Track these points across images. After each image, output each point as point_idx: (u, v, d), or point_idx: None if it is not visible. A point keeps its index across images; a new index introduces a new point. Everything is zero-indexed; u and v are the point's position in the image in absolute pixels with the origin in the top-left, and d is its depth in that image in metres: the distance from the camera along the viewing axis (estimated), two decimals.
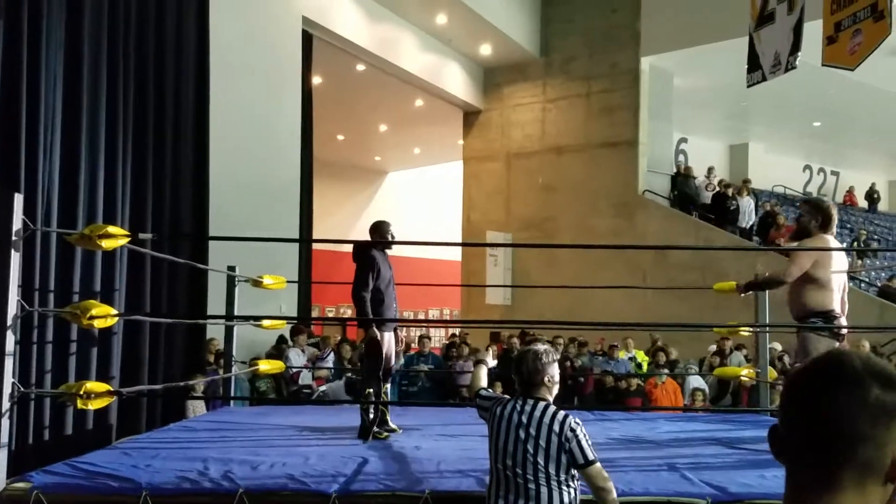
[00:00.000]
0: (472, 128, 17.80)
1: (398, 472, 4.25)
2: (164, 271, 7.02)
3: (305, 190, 12.25)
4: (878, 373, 1.05)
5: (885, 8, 6.91)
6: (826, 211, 4.92)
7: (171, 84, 7.35)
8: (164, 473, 4.03)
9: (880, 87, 15.62)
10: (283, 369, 7.93)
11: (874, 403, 1.02)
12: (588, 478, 3.00)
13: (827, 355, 1.10)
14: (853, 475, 1.02)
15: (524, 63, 16.68)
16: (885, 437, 1.02)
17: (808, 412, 1.05)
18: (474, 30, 15.25)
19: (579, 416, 6.65)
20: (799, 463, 1.06)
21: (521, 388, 3.18)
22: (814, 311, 4.83)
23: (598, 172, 15.68)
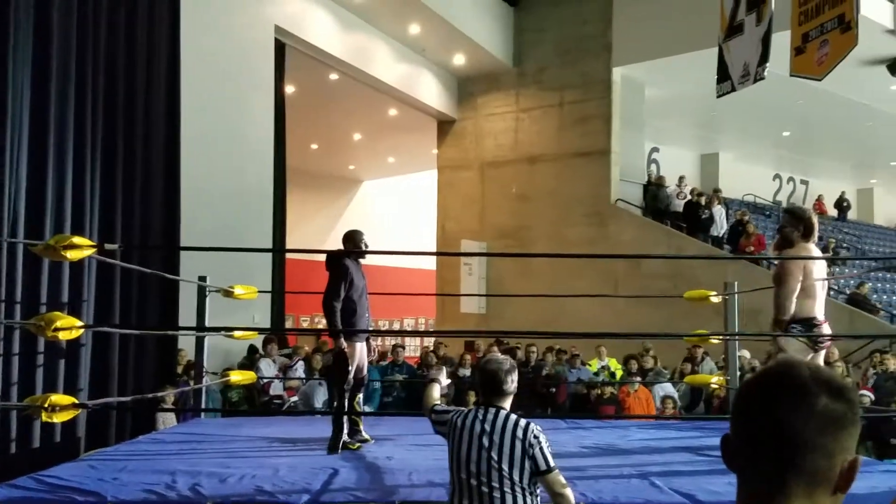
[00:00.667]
0: (446, 137, 17.83)
1: (369, 482, 4.23)
2: (133, 282, 6.96)
3: (278, 199, 12.20)
4: (827, 382, 1.06)
5: (851, 19, 7.02)
6: (808, 220, 4.99)
7: (141, 93, 7.30)
8: (131, 487, 3.98)
9: (848, 97, 15.85)
10: (255, 380, 7.87)
11: (822, 412, 1.03)
12: (548, 484, 3.03)
13: (777, 364, 1.10)
14: (802, 484, 1.03)
15: (497, 73, 16.75)
16: (833, 447, 1.03)
17: (758, 421, 1.06)
18: (447, 39, 15.29)
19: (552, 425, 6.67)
20: (749, 471, 1.07)
21: (484, 397, 3.20)
22: (796, 318, 4.88)
23: (571, 182, 15.75)
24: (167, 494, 3.85)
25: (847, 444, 1.05)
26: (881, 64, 14.18)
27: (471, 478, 3.02)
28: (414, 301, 20.42)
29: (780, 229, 5.14)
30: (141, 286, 7.07)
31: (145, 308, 7.13)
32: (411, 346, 19.25)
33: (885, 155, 21.27)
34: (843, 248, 18.05)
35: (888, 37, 13.41)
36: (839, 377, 1.08)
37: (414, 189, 23.42)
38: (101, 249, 4.69)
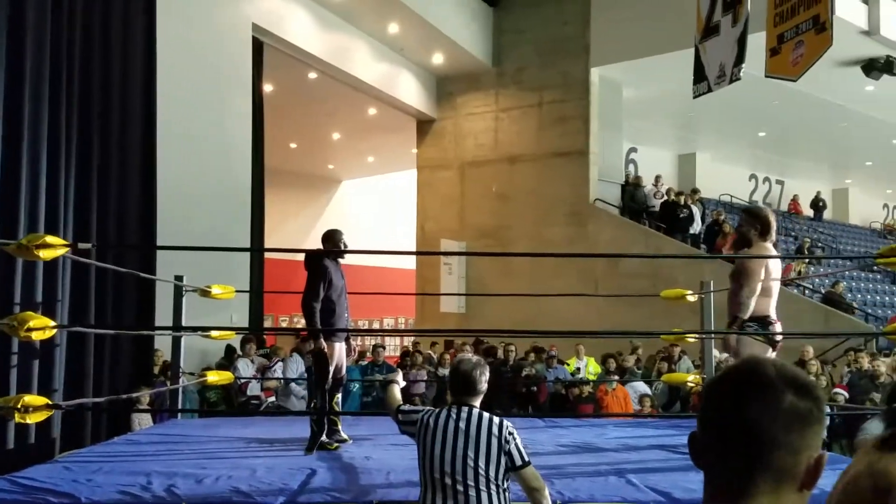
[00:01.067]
0: (426, 136, 17.83)
1: (346, 482, 4.22)
2: (109, 282, 6.89)
3: (257, 198, 12.14)
4: (792, 380, 1.07)
5: (826, 20, 7.09)
6: (765, 219, 5.00)
7: (117, 92, 7.24)
8: (105, 488, 3.95)
9: (823, 98, 16.02)
10: (232, 380, 7.83)
11: (787, 409, 1.04)
12: (523, 479, 3.07)
13: (743, 362, 1.11)
14: (768, 481, 1.04)
15: (477, 72, 16.76)
16: (799, 444, 1.04)
17: (724, 418, 1.07)
18: (426, 39, 15.28)
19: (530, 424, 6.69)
20: (716, 468, 1.07)
21: (456, 396, 3.22)
22: (752, 316, 4.90)
23: (550, 181, 15.80)
24: (142, 496, 3.83)
25: (812, 441, 1.06)
26: (856, 65, 14.35)
27: (444, 476, 3.02)
28: (394, 300, 20.40)
29: (738, 229, 5.17)
30: (116, 286, 7.00)
31: (121, 308, 7.06)
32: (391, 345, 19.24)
33: (859, 155, 21.51)
34: (819, 247, 18.23)
35: (863, 38, 13.57)
36: (804, 375, 1.09)
37: (393, 189, 23.40)
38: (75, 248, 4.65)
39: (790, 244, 17.83)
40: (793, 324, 12.59)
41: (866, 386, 8.67)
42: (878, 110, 16.89)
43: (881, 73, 14.25)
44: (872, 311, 14.16)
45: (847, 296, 14.35)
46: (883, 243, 20.70)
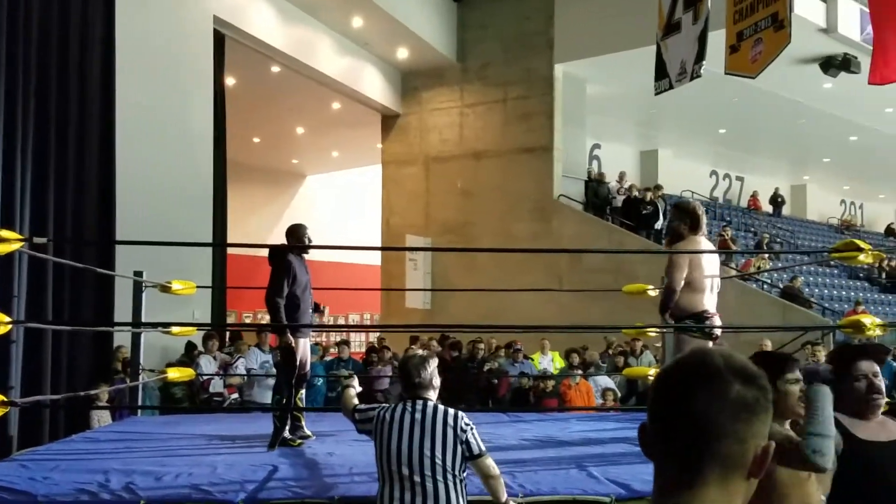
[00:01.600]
0: (391, 131, 17.78)
1: (308, 478, 4.21)
2: (67, 277, 6.79)
3: (219, 193, 12.02)
4: (739, 369, 1.08)
5: (785, 18, 7.19)
6: (694, 213, 5.07)
7: (75, 84, 7.12)
8: (63, 486, 3.89)
9: (782, 95, 16.25)
10: (194, 377, 7.75)
11: (735, 399, 1.05)
12: (480, 468, 3.14)
13: (690, 353, 1.12)
14: (716, 471, 1.04)
15: (441, 67, 16.75)
16: (746, 433, 1.05)
17: (672, 409, 1.08)
18: (391, 33, 15.23)
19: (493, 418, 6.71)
20: (665, 459, 1.08)
21: (408, 391, 3.25)
22: (687, 312, 4.97)
23: (515, 177, 15.86)
24: (100, 494, 3.77)
25: (760, 430, 1.07)
26: (814, 62, 14.58)
27: (402, 468, 3.05)
28: (359, 296, 20.34)
29: (669, 224, 5.23)
30: (74, 281, 6.90)
31: (79, 304, 6.96)
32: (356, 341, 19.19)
33: (817, 152, 21.88)
34: (777, 243, 18.53)
35: (821, 35, 13.80)
36: (751, 365, 1.10)
37: (358, 184, 23.32)
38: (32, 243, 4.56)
39: (749, 240, 18.10)
40: (751, 318, 12.82)
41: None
42: (835, 107, 17.19)
43: (839, 71, 14.50)
44: (829, 305, 14.43)
45: (805, 290, 14.60)
46: (840, 238, 21.09)
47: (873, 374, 2.61)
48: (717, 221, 18.52)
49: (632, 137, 20.24)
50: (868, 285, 17.31)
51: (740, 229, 18.84)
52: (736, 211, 21.42)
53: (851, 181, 25.15)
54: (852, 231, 23.31)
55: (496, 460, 3.25)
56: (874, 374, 2.62)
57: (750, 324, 12.41)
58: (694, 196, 20.29)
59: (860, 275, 17.37)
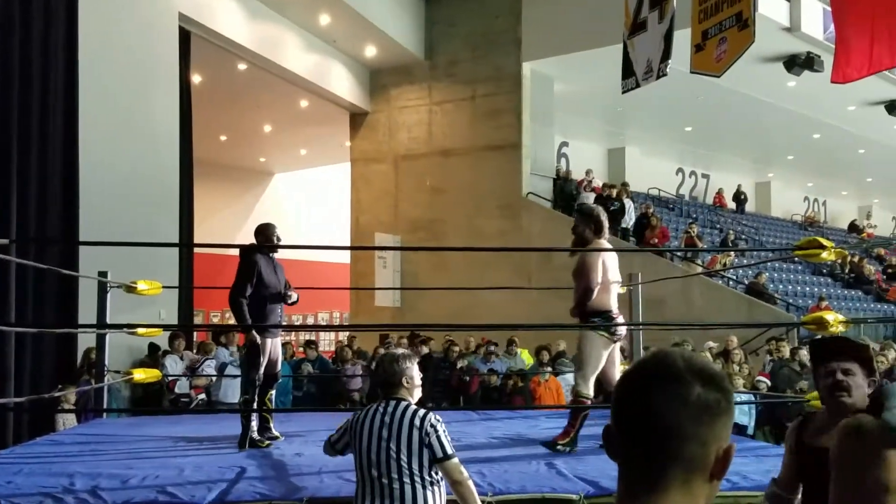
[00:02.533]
0: (359, 129, 17.72)
1: (276, 479, 4.18)
2: (30, 278, 6.68)
3: (185, 192, 11.90)
4: (700, 371, 1.08)
5: (749, 17, 7.26)
6: (597, 218, 5.21)
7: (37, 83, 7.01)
8: (26, 490, 3.83)
9: (746, 93, 16.45)
10: (160, 377, 7.66)
11: (695, 401, 1.06)
12: (446, 472, 3.08)
13: (652, 355, 1.13)
14: (679, 473, 1.05)
15: (410, 65, 16.72)
16: (707, 435, 1.06)
17: (634, 411, 1.08)
18: (358, 31, 15.17)
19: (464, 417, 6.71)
20: (628, 461, 1.09)
21: (382, 390, 3.24)
22: (594, 311, 5.08)
23: (484, 175, 15.88)
24: (64, 498, 3.71)
25: (721, 432, 1.07)
26: (778, 61, 14.79)
27: (372, 469, 3.04)
28: (328, 295, 20.25)
29: (574, 229, 5.32)
30: (38, 282, 6.79)
31: (43, 305, 6.85)
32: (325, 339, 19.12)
33: (781, 149, 22.19)
34: (742, 239, 18.77)
35: (785, 34, 13.99)
36: (713, 366, 1.11)
37: (327, 182, 23.21)
38: None
39: (715, 236, 18.30)
40: (717, 313, 12.99)
41: (788, 374, 8.96)
42: (799, 105, 17.44)
43: (802, 69, 14.72)
44: (794, 300, 14.64)
45: (770, 286, 14.80)
46: (804, 235, 21.42)
47: (843, 371, 2.50)
48: (684, 219, 18.71)
49: (599, 135, 20.37)
50: (832, 281, 17.60)
51: (706, 226, 19.04)
52: (702, 208, 21.65)
53: (815, 178, 25.54)
54: (816, 227, 23.67)
55: (465, 459, 3.24)
56: (844, 370, 2.50)
57: (716, 319, 12.57)
58: (661, 193, 20.49)
59: (823, 271, 17.65)
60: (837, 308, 13.90)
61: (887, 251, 20.50)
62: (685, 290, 13.48)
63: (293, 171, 23.95)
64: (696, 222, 17.12)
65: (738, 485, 3.92)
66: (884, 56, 6.77)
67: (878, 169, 23.51)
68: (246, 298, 5.39)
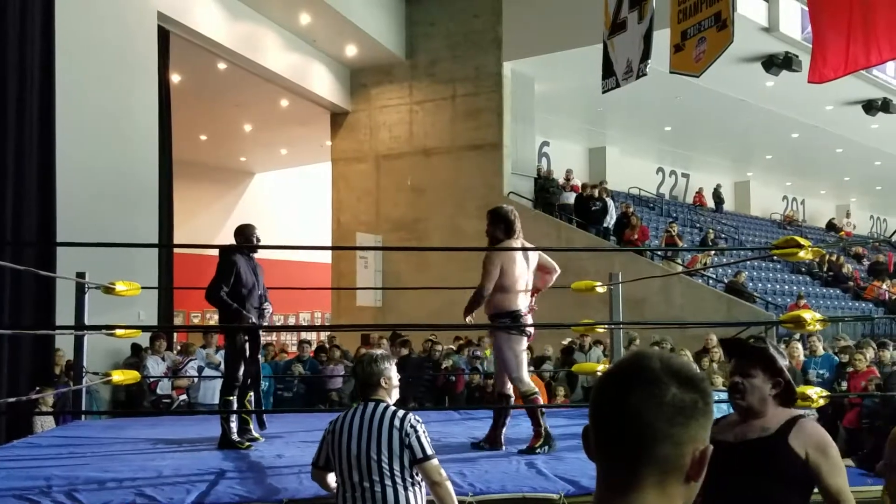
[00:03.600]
0: (340, 129, 17.68)
1: (255, 481, 4.16)
2: (6, 280, 6.61)
3: (165, 192, 11.81)
4: (676, 372, 1.08)
5: (727, 17, 7.32)
6: (506, 218, 5.24)
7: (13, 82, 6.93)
8: (2, 494, 3.79)
9: (724, 93, 16.57)
10: (139, 379, 7.60)
11: (671, 402, 1.06)
12: (424, 473, 3.06)
13: (630, 356, 1.13)
14: (654, 474, 1.05)
15: (390, 65, 16.70)
16: (682, 436, 1.06)
17: (611, 412, 1.08)
18: (338, 30, 15.13)
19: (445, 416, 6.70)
20: (606, 462, 1.09)
21: (360, 391, 3.24)
22: (502, 312, 5.12)
23: (464, 174, 15.89)
24: (41, 501, 3.68)
25: (697, 433, 1.07)
26: (757, 61, 14.90)
27: (353, 472, 3.03)
28: (309, 295, 20.19)
29: (487, 231, 5.35)
30: (14, 284, 6.72)
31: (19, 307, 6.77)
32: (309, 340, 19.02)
33: (760, 149, 22.37)
34: (722, 238, 18.90)
35: (763, 35, 14.10)
36: (690, 367, 1.11)
37: (308, 181, 23.13)
38: None
39: (695, 235, 18.42)
40: (697, 312, 13.07)
41: None
42: (777, 105, 17.59)
43: (780, 69, 14.84)
44: (773, 299, 14.76)
45: (749, 285, 14.92)
46: (782, 234, 21.60)
47: (742, 374, 2.52)
48: (664, 218, 18.81)
49: (580, 135, 20.44)
50: (810, 279, 17.76)
51: (686, 225, 19.16)
52: (682, 207, 21.78)
53: (793, 177, 25.77)
54: (794, 226, 23.87)
55: (445, 459, 3.24)
56: (744, 373, 2.51)
57: (696, 318, 12.65)
58: (641, 192, 20.59)
59: (802, 269, 17.80)
60: (816, 306, 14.03)
61: (865, 249, 20.72)
62: (665, 289, 13.55)
63: (274, 170, 23.85)
64: (675, 221, 17.22)
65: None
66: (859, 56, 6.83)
67: (856, 168, 23.77)
68: (223, 293, 5.38)
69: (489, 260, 5.07)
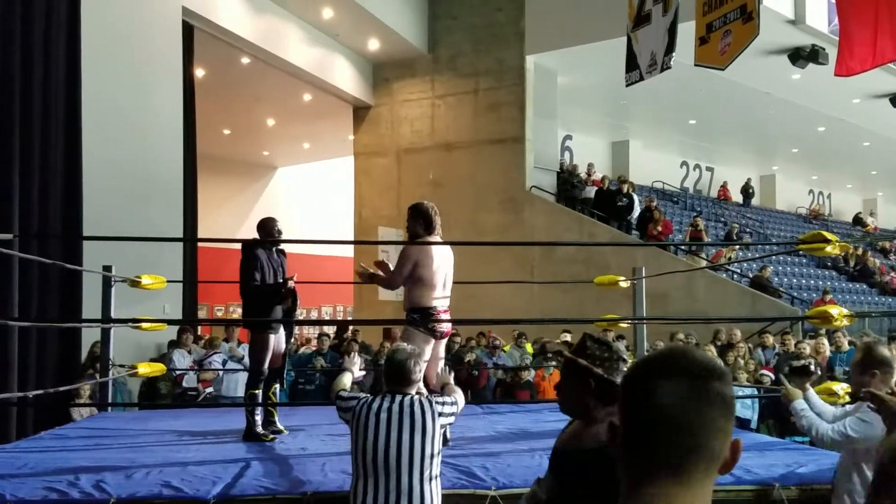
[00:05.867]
0: (362, 123, 17.71)
1: (280, 473, 4.19)
2: (34, 273, 6.68)
3: (189, 186, 11.89)
4: (704, 366, 1.11)
5: (753, 10, 7.24)
6: (426, 214, 5.18)
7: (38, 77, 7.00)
8: (31, 485, 3.84)
9: (750, 86, 16.40)
10: (164, 372, 7.68)
11: (716, 396, 1.09)
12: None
13: (657, 353, 1.14)
14: (701, 468, 1.07)
15: (412, 59, 16.70)
16: (727, 427, 1.09)
17: (642, 408, 1.09)
18: (361, 24, 15.15)
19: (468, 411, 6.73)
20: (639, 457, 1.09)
21: (391, 384, 3.25)
22: (416, 307, 5.09)
23: (486, 168, 15.86)
24: (69, 492, 3.73)
25: (727, 425, 1.10)
26: (782, 53, 14.73)
27: (377, 463, 3.05)
28: (331, 289, 20.26)
29: (406, 226, 5.30)
30: (42, 277, 6.80)
31: (46, 301, 6.85)
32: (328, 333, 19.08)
33: (786, 142, 22.13)
34: (747, 233, 18.73)
35: (789, 27, 13.93)
36: (716, 361, 1.13)
37: (330, 175, 23.19)
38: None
39: (720, 230, 18.28)
40: (721, 307, 12.97)
41: None
42: (803, 98, 17.38)
43: (807, 62, 14.65)
44: (798, 294, 14.63)
45: (774, 279, 14.79)
46: (808, 228, 21.40)
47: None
48: (688, 212, 18.69)
49: (603, 128, 20.33)
50: (836, 274, 17.58)
51: (710, 219, 19.02)
52: (706, 201, 21.62)
53: (819, 171, 25.48)
54: (820, 220, 23.64)
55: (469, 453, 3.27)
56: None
57: (719, 313, 12.56)
58: (665, 186, 20.45)
59: (828, 264, 17.62)
60: (842, 301, 13.90)
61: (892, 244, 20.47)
62: (689, 283, 13.47)
63: (296, 164, 23.94)
64: (700, 215, 17.09)
65: (742, 479, 3.92)
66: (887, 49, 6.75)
67: (883, 162, 23.45)
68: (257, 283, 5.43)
69: (404, 254, 5.09)
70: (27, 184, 6.72)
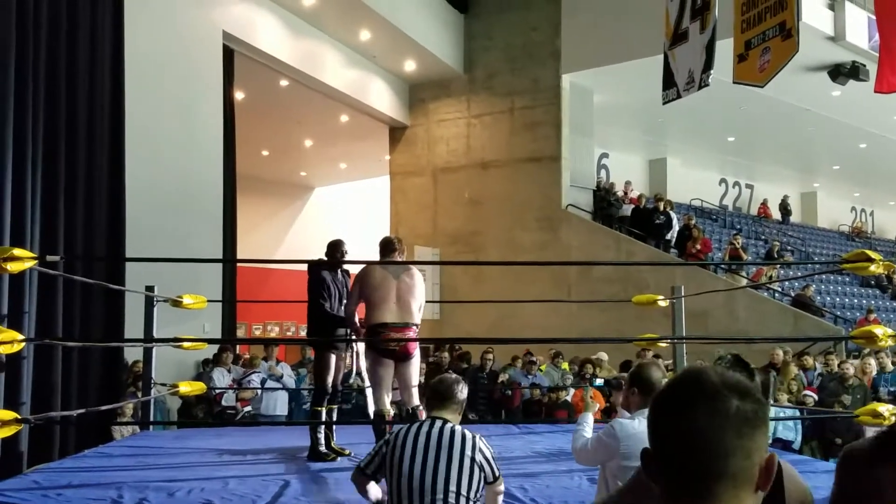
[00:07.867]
0: (398, 143, 17.83)
1: (318, 492, 4.21)
2: (77, 293, 6.81)
3: (229, 206, 12.06)
4: (735, 385, 1.10)
5: (792, 27, 7.16)
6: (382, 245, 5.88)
7: (84, 100, 7.16)
8: (75, 502, 3.90)
9: (790, 103, 16.22)
10: (205, 390, 7.76)
11: (736, 415, 1.07)
12: (492, 490, 3.16)
13: (685, 373, 1.15)
14: (729, 489, 1.06)
15: (448, 79, 16.80)
16: (751, 447, 1.07)
17: (674, 430, 1.09)
18: (397, 46, 15.30)
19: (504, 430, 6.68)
20: (672, 481, 1.09)
21: (433, 409, 3.20)
22: (369, 325, 5.29)
23: (522, 187, 15.86)
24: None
25: (761, 442, 1.09)
26: (822, 70, 14.57)
27: (413, 492, 2.99)
28: None
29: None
30: (85, 297, 6.92)
31: (90, 320, 6.98)
32: None
33: (827, 159, 21.81)
34: (788, 250, 18.45)
35: (829, 44, 13.78)
36: (746, 380, 1.12)
37: (367, 195, 23.33)
38: (43, 261, 4.59)
39: (760, 248, 18.03)
40: (762, 327, 12.78)
41: (836, 388, 8.77)
42: (844, 115, 17.14)
43: (847, 79, 14.47)
44: (841, 313, 14.36)
45: (816, 298, 14.53)
46: (851, 245, 21.04)
47: None
48: (727, 230, 18.48)
49: (640, 146, 20.22)
50: (879, 293, 17.23)
51: (751, 237, 18.78)
52: (746, 219, 21.35)
53: (861, 188, 25.06)
54: (863, 238, 23.21)
55: (506, 474, 3.25)
56: None
57: (760, 333, 12.37)
58: (703, 204, 20.25)
59: (871, 282, 17.28)
60: (885, 321, 13.62)
61: None
62: (729, 302, 13.30)
63: (333, 184, 24.13)
64: (739, 233, 16.88)
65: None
66: None
67: None
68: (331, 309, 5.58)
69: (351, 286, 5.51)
70: (72, 204, 6.87)
